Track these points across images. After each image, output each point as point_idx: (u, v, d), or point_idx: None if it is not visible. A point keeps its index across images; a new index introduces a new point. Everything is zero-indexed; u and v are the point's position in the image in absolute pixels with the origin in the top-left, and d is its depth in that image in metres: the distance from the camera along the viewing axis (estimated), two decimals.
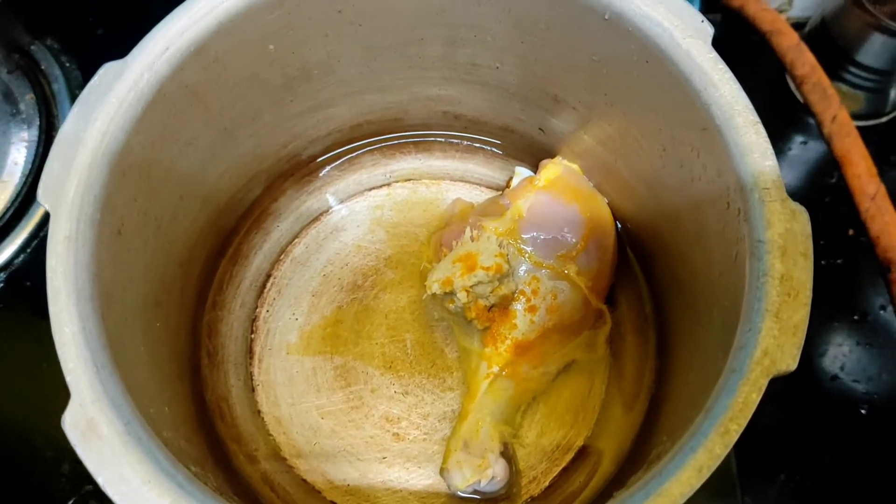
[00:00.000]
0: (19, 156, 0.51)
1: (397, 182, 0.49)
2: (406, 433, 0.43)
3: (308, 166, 0.49)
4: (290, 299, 0.46)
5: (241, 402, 0.43)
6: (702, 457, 0.26)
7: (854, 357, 0.47)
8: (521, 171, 0.47)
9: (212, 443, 0.40)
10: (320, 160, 0.49)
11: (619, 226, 0.46)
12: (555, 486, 0.41)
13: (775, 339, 0.28)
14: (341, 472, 0.42)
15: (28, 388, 0.46)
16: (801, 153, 0.54)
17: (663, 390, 0.40)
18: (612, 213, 0.45)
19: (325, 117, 0.45)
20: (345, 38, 0.39)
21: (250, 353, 0.45)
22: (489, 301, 0.40)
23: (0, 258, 0.49)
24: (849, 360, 0.47)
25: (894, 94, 0.54)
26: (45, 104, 0.53)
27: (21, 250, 0.49)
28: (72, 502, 0.43)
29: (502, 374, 0.40)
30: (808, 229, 0.29)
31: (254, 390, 0.44)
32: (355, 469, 0.42)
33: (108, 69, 0.32)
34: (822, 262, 0.50)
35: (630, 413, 0.41)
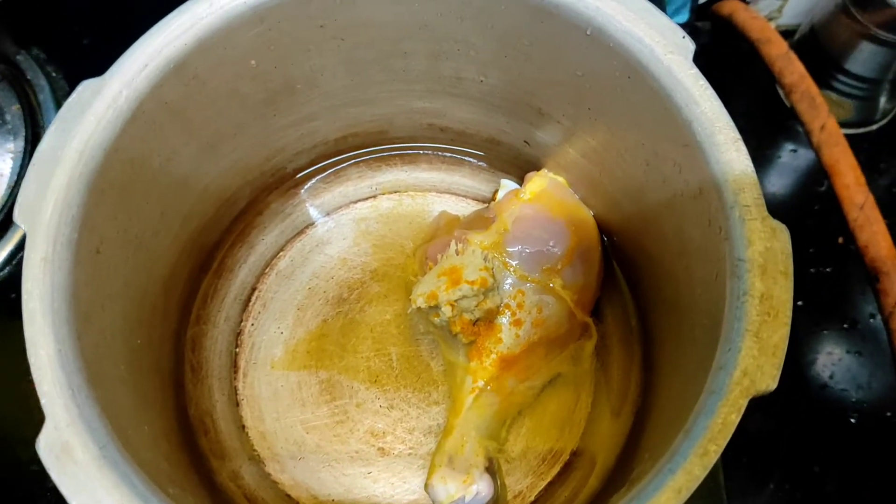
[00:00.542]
0: (5, 167, 0.50)
1: (383, 194, 0.49)
2: (391, 448, 0.42)
3: (293, 179, 0.49)
4: (275, 313, 0.46)
5: (225, 416, 0.43)
6: (681, 478, 0.26)
7: (844, 365, 0.47)
8: (507, 184, 0.47)
9: (194, 460, 0.40)
10: (305, 173, 0.49)
11: (605, 239, 0.45)
12: (540, 500, 0.41)
13: (755, 359, 0.28)
14: (326, 487, 0.42)
15: (13, 401, 0.45)
16: (791, 161, 0.54)
17: (648, 405, 0.39)
18: (598, 226, 0.45)
19: (310, 130, 0.45)
20: (327, 53, 0.39)
21: (235, 367, 0.44)
22: (474, 315, 0.40)
23: None
24: (838, 369, 0.47)
25: (883, 102, 0.54)
26: (31, 115, 0.52)
27: (7, 262, 0.49)
28: None
29: (487, 388, 0.40)
30: (789, 247, 0.29)
31: (238, 405, 0.44)
32: (340, 484, 0.42)
33: (85, 86, 0.32)
34: (811, 271, 0.50)
35: (616, 426, 0.41)
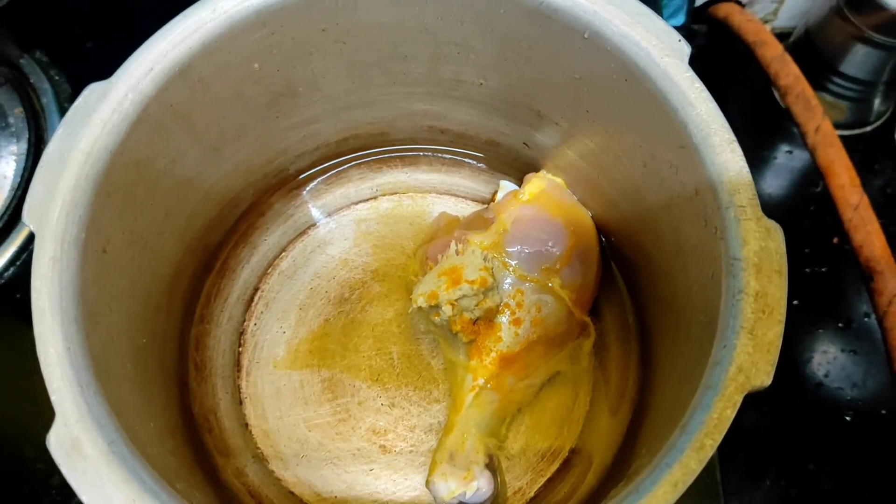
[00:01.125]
0: (8, 169, 0.51)
1: (384, 195, 0.50)
2: (393, 445, 0.43)
3: (295, 180, 0.49)
4: (277, 313, 0.46)
5: (228, 415, 0.43)
6: (677, 472, 0.27)
7: (839, 364, 0.47)
8: (506, 185, 0.47)
9: (198, 457, 0.40)
10: (307, 174, 0.49)
11: (603, 239, 0.46)
12: (540, 496, 0.42)
13: (750, 355, 0.28)
14: (328, 484, 0.42)
15: (19, 400, 0.46)
16: (787, 162, 0.55)
17: (645, 402, 0.40)
18: (596, 227, 0.45)
19: (312, 133, 0.45)
20: (329, 56, 0.39)
21: (238, 366, 0.45)
22: (474, 314, 0.41)
23: None
24: (833, 367, 0.47)
25: (878, 103, 0.54)
26: (34, 118, 0.53)
27: (11, 263, 0.49)
28: None
29: (487, 386, 0.41)
30: (783, 247, 0.30)
31: (241, 403, 0.44)
32: (342, 481, 0.42)
33: (92, 90, 0.33)
34: (807, 270, 0.50)
35: (614, 423, 0.42)
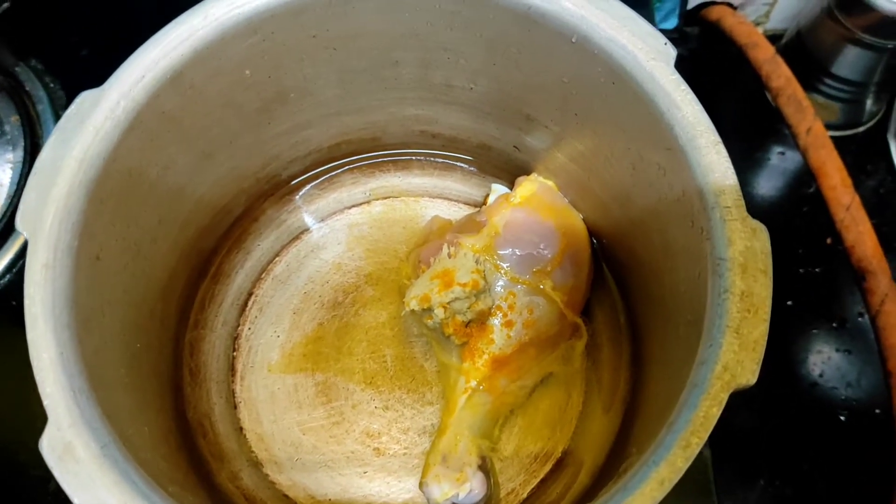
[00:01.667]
0: (4, 177, 0.51)
1: (376, 200, 0.50)
2: (386, 448, 0.43)
3: (287, 186, 0.49)
4: (271, 317, 0.46)
5: (223, 419, 0.44)
6: (664, 470, 0.27)
7: (833, 364, 0.47)
8: (498, 188, 0.48)
9: (193, 461, 0.40)
10: (300, 180, 0.50)
11: (594, 241, 0.46)
12: (533, 497, 0.42)
13: (735, 354, 0.28)
14: (322, 487, 0.42)
15: (14, 406, 0.46)
16: (780, 163, 0.55)
17: (636, 402, 0.40)
18: (587, 229, 0.45)
19: (304, 138, 0.46)
20: (320, 63, 0.40)
21: (232, 370, 0.45)
22: (466, 317, 0.41)
23: None
24: (828, 367, 0.47)
25: (869, 104, 0.54)
26: (29, 125, 0.53)
27: (7, 270, 0.49)
28: None
29: (480, 388, 0.41)
30: (768, 247, 0.30)
31: (236, 407, 0.44)
32: (336, 484, 0.42)
33: (84, 98, 0.33)
34: (800, 271, 0.50)
35: (606, 424, 0.42)
